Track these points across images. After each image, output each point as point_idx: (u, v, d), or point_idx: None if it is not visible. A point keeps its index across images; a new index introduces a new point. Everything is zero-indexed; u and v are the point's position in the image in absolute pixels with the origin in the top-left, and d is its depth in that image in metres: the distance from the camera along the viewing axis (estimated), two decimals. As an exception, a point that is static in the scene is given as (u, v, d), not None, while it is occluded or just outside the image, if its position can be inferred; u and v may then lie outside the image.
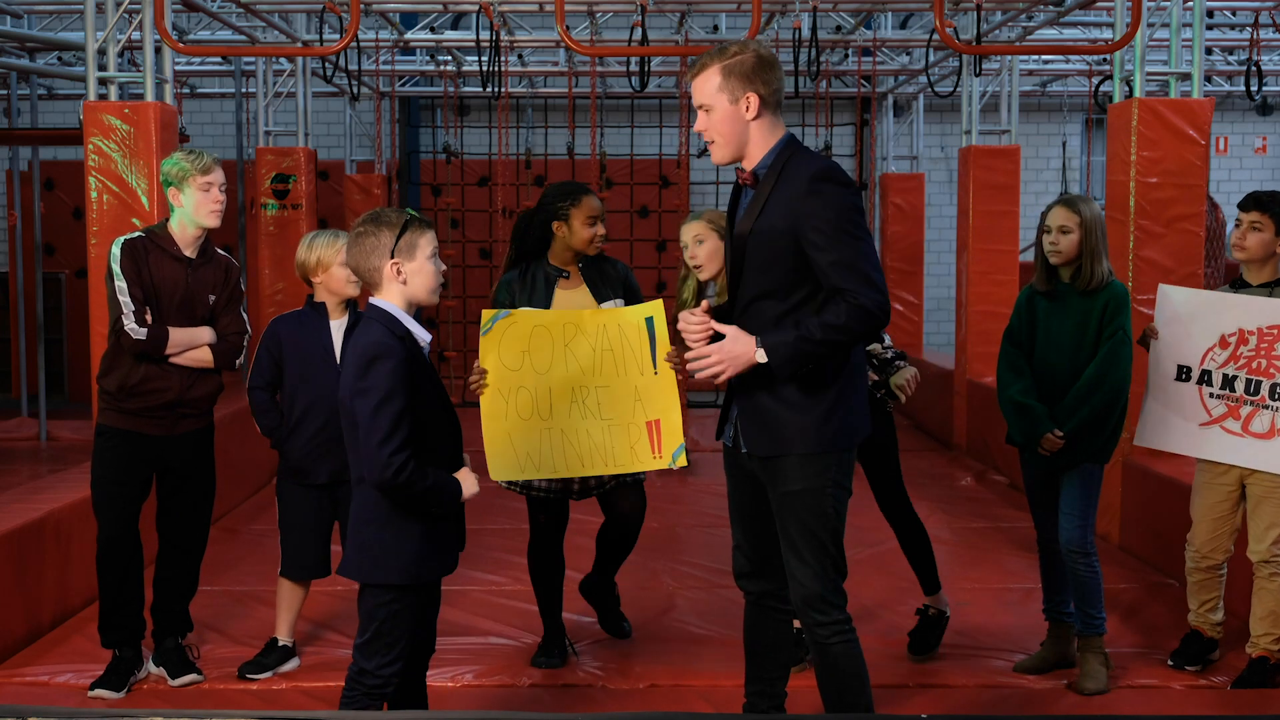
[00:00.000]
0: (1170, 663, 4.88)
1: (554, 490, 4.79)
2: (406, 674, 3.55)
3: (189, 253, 4.59)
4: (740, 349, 3.38)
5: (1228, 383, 4.50)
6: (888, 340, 4.72)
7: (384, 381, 3.26)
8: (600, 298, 4.70)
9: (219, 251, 4.73)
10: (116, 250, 4.50)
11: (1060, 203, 4.62)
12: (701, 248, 4.53)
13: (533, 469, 4.48)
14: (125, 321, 4.45)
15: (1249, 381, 4.46)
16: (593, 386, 4.42)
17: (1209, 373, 4.54)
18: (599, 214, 4.71)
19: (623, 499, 4.89)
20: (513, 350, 4.42)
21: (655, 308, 4.44)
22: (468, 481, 3.45)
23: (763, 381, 3.47)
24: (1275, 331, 4.43)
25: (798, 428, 3.46)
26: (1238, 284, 4.77)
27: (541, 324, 4.45)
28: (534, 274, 4.74)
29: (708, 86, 3.47)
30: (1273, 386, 4.40)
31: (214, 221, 4.55)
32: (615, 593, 5.24)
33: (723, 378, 3.42)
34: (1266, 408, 4.45)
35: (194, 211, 4.52)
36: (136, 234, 4.61)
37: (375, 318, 3.37)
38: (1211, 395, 4.54)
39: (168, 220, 4.61)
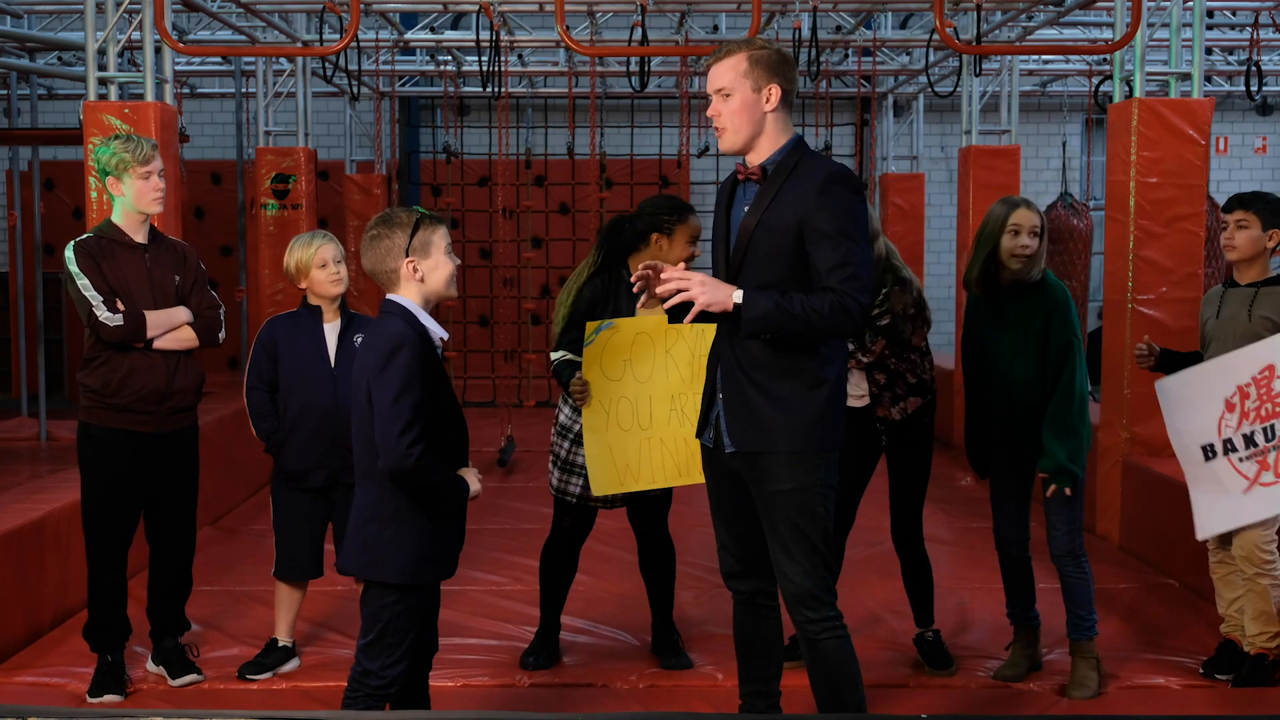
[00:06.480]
0: (1201, 671, 4.82)
1: (590, 500, 4.74)
2: (410, 674, 3.55)
3: (140, 239, 4.57)
4: (722, 289, 3.39)
5: (1249, 441, 4.48)
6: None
7: (405, 371, 3.29)
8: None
9: (173, 238, 4.74)
10: (70, 253, 4.47)
11: (1024, 205, 4.54)
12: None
13: (632, 480, 4.47)
14: (98, 313, 4.41)
15: (1265, 429, 4.44)
16: (690, 394, 4.37)
17: (1230, 440, 4.52)
18: (699, 236, 4.60)
19: (647, 511, 4.83)
20: (615, 360, 4.40)
21: None
22: (471, 479, 3.47)
23: (752, 377, 3.49)
24: (1266, 374, 4.40)
25: (786, 426, 3.47)
26: (1229, 284, 4.78)
27: (644, 330, 4.40)
28: (617, 283, 4.61)
29: (733, 72, 3.50)
30: None
31: (157, 208, 4.55)
32: (676, 633, 4.99)
33: (695, 306, 3.37)
34: None
35: (135, 200, 4.51)
36: (86, 235, 4.59)
37: (394, 312, 3.41)
38: (1241, 460, 4.51)
39: (110, 218, 4.58)
